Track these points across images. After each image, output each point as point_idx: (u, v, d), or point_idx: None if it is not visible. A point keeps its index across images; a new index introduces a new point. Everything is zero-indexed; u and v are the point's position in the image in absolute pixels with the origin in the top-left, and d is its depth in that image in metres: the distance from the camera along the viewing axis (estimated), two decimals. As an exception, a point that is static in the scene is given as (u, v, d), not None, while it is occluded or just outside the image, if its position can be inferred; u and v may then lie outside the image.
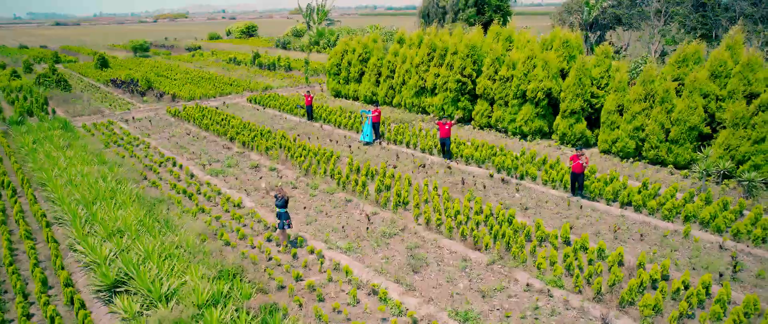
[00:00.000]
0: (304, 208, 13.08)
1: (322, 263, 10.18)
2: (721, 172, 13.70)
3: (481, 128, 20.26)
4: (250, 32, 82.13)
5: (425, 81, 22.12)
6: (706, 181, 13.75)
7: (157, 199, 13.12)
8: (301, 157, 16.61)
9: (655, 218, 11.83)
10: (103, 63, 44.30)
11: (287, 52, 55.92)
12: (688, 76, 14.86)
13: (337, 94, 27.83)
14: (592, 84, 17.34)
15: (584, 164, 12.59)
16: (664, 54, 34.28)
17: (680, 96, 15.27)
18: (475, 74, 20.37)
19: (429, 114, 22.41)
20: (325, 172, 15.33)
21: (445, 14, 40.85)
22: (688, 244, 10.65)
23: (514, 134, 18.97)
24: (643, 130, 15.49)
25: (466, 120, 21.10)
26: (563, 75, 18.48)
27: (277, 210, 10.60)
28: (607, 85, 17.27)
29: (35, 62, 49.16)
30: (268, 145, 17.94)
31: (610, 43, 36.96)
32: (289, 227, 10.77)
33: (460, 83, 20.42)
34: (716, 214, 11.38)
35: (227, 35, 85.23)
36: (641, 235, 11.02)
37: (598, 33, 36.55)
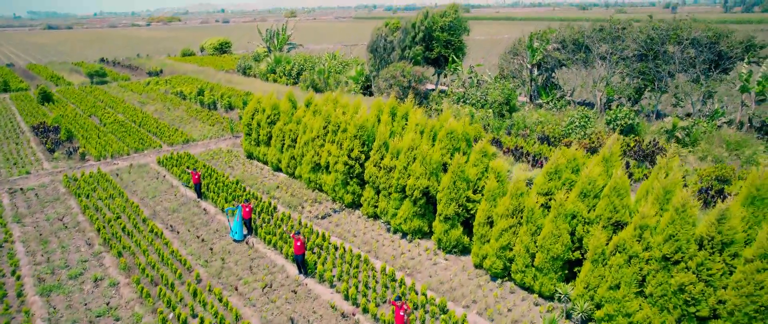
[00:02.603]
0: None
1: None
2: (580, 315, 12.21)
3: (369, 217, 18.79)
4: (223, 49, 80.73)
5: (321, 157, 20.65)
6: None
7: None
8: (144, 271, 15.17)
9: (476, 394, 10.35)
10: (45, 97, 43.03)
11: (246, 78, 54.48)
12: (556, 195, 13.32)
13: (250, 156, 26.39)
14: (468, 187, 15.83)
15: (405, 316, 11.12)
16: (610, 100, 32.75)
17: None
18: (363, 157, 18.89)
19: (324, 192, 20.96)
20: (160, 294, 13.90)
21: (392, 50, 39.30)
22: None
23: (396, 231, 17.49)
24: (511, 249, 13.99)
25: (356, 205, 19.62)
26: (446, 170, 16.98)
27: None
28: (483, 188, 15.76)
29: (-19, 93, 47.86)
30: (121, 248, 16.52)
31: (556, 86, 35.39)
32: None
33: (348, 166, 18.94)
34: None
35: (201, 52, 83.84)
36: None
37: (545, 75, 34.94)
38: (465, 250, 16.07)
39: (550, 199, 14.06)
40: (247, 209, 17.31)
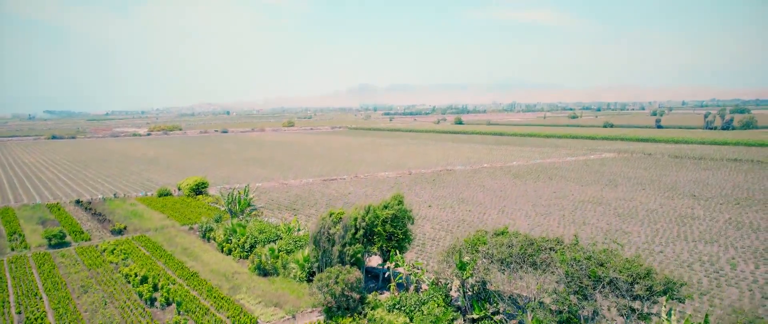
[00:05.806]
0: None
1: None
2: None
3: None
4: (198, 189, 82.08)
5: None
6: None
7: None
8: None
9: None
10: (-12, 280, 42.54)
11: (203, 244, 54.36)
12: None
13: None
14: None
15: None
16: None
17: None
18: None
19: None
20: None
21: (333, 244, 39.35)
22: None
23: None
24: None
25: None
26: None
27: None
28: None
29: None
30: None
31: (489, 299, 34.69)
32: None
33: None
34: None
35: (178, 191, 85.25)
36: None
37: (478, 285, 34.48)
38: None
39: None
40: None
